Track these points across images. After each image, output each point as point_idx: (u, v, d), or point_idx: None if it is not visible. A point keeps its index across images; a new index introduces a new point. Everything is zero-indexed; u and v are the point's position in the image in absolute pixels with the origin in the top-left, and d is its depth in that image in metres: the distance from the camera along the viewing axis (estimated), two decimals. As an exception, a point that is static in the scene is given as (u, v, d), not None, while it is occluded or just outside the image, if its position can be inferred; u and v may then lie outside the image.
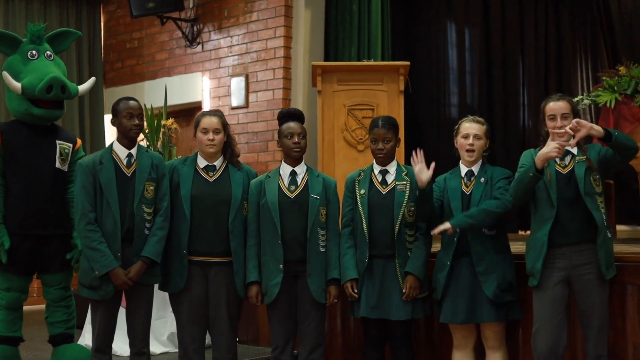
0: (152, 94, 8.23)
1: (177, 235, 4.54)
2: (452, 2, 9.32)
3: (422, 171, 4.29)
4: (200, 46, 8.27)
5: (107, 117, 9.18)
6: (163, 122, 6.47)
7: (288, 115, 4.72)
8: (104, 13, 9.28)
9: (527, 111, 9.86)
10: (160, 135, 6.49)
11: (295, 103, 7.56)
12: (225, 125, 4.66)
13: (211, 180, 4.60)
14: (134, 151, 4.52)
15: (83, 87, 5.16)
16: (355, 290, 4.50)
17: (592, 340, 4.17)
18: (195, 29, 8.28)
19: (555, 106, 4.29)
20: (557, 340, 4.23)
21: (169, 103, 7.33)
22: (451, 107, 9.24)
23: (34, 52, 4.99)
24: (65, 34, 5.29)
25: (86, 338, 5.76)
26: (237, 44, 7.94)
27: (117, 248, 4.38)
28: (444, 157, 7.39)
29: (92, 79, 5.31)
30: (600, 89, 6.18)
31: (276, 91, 7.61)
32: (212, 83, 8.15)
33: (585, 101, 6.21)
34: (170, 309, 5.73)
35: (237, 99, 7.88)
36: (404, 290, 4.44)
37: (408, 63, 6.47)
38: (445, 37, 9.26)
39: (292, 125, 4.63)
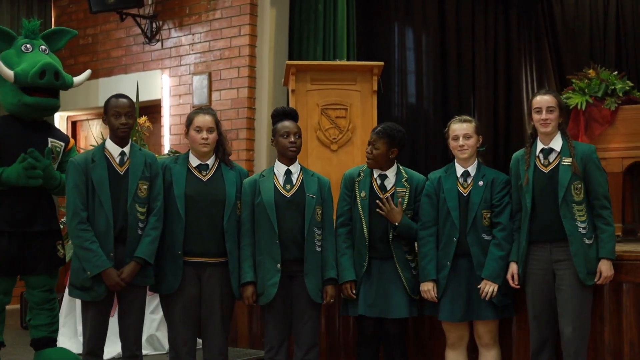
0: (108, 91, 8.00)
1: (171, 235, 4.44)
2: (410, 6, 9.42)
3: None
4: (159, 43, 8.13)
5: (58, 115, 8.95)
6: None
7: (283, 113, 4.67)
8: (55, 8, 9.02)
9: (477, 113, 10.04)
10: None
11: (260, 102, 7.51)
12: (218, 124, 4.59)
13: (205, 179, 4.51)
14: (126, 149, 4.41)
15: (79, 79, 4.98)
16: (354, 291, 4.49)
17: (566, 340, 4.24)
18: (154, 25, 8.13)
19: (542, 100, 4.38)
20: (546, 335, 4.32)
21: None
22: (409, 108, 9.32)
23: (28, 45, 4.83)
24: (61, 32, 5.13)
25: (59, 341, 5.59)
26: (199, 42, 7.84)
27: (109, 248, 4.26)
28: (401, 158, 7.41)
29: (88, 71, 5.14)
30: (570, 91, 6.31)
31: (241, 90, 7.53)
32: (172, 81, 8.01)
33: (559, 103, 6.32)
34: (149, 311, 5.67)
35: (199, 98, 7.77)
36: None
37: (382, 63, 6.46)
38: (403, 40, 9.34)
39: (287, 124, 4.58)
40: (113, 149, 4.39)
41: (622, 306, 4.43)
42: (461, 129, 4.57)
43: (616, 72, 6.26)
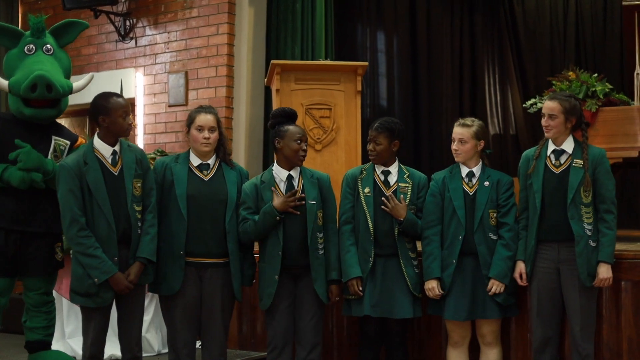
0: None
1: (173, 235, 4.38)
2: (381, 9, 9.48)
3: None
4: (133, 41, 8.04)
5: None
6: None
7: (286, 115, 4.62)
8: (22, 4, 8.81)
9: (444, 114, 10.15)
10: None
11: (238, 101, 7.49)
12: (219, 123, 4.55)
13: (206, 179, 4.47)
14: (117, 148, 4.30)
15: (78, 84, 4.78)
16: (360, 288, 4.50)
17: (576, 337, 4.33)
18: (127, 23, 8.03)
19: (546, 105, 4.47)
20: (549, 333, 4.40)
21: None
22: (380, 110, 9.39)
23: (31, 46, 4.67)
24: (71, 25, 4.93)
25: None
26: (175, 40, 7.78)
27: (113, 252, 4.16)
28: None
29: (90, 74, 5.01)
30: (551, 93, 6.38)
31: (218, 89, 7.49)
32: (147, 79, 7.94)
33: (539, 104, 6.40)
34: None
35: (174, 97, 7.71)
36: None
37: (366, 63, 6.51)
38: (374, 42, 9.41)
39: (299, 130, 4.53)
40: (104, 149, 4.26)
41: (620, 304, 4.52)
42: (456, 133, 4.63)
43: (596, 75, 6.36)
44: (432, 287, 4.51)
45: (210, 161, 4.51)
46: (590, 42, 10.71)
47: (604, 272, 4.26)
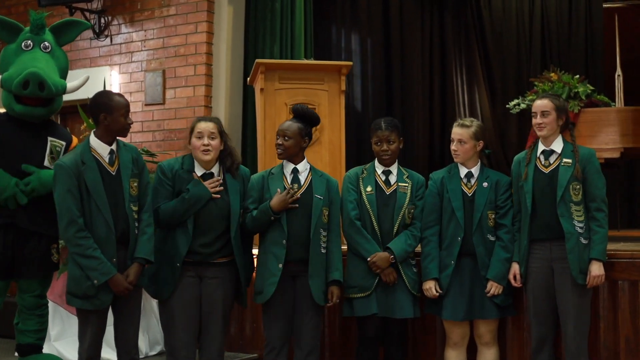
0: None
1: (174, 243, 4.32)
2: (356, 11, 9.50)
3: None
4: (108, 39, 7.92)
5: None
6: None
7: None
8: (-7, -1, 8.68)
9: (415, 115, 10.21)
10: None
11: (217, 100, 7.42)
12: (222, 133, 4.46)
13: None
14: (114, 147, 4.20)
15: (72, 85, 4.71)
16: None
17: (568, 337, 4.35)
18: (102, 20, 7.91)
19: (538, 104, 4.51)
20: (545, 332, 4.42)
21: (71, 97, 6.93)
22: (354, 111, 9.40)
23: (29, 42, 4.57)
24: (72, 24, 4.85)
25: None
26: (152, 38, 7.67)
27: (112, 253, 4.07)
28: (349, 162, 7.50)
29: (85, 76, 4.90)
30: (534, 94, 6.46)
31: (197, 88, 7.41)
32: (122, 78, 7.82)
33: (522, 105, 6.48)
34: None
35: (151, 95, 7.60)
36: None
37: (350, 63, 6.50)
38: (349, 43, 9.43)
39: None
40: (101, 149, 4.16)
41: (617, 303, 4.56)
42: (456, 133, 4.63)
43: (577, 76, 6.45)
44: (430, 287, 4.52)
45: (214, 170, 4.44)
46: (556, 43, 10.86)
47: (596, 269, 4.30)
